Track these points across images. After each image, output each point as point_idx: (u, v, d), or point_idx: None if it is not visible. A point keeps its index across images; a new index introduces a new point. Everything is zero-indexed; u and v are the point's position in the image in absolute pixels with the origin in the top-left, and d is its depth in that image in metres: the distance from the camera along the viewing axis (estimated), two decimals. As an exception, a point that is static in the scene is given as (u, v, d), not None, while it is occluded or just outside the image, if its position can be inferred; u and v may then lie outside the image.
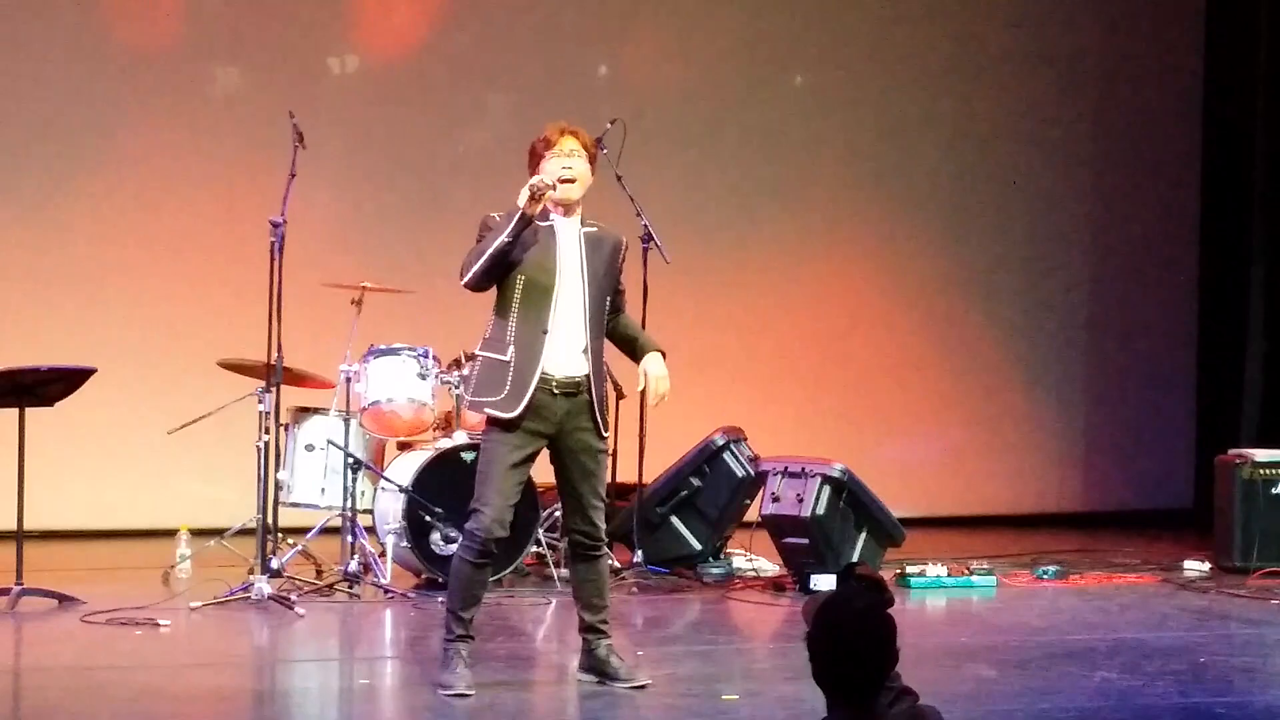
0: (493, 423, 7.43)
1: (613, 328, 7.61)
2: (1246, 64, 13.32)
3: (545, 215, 7.43)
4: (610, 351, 10.68)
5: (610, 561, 10.22)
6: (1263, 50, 13.15)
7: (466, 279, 7.38)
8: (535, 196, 7.30)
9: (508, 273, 7.36)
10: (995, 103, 13.58)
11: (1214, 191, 13.73)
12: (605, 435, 7.54)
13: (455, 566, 7.55)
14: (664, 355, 7.70)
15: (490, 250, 7.29)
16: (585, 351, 7.44)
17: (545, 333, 7.36)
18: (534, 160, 7.49)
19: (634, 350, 7.68)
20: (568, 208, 7.47)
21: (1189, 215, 13.85)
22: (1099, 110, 13.79)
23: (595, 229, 7.54)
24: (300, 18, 12.37)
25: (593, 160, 7.55)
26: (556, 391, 7.40)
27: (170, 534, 10.42)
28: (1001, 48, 13.60)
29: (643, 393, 7.71)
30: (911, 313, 13.46)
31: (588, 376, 7.44)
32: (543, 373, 7.36)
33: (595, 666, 7.60)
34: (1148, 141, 13.84)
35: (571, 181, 7.43)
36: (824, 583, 9.83)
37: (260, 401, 9.69)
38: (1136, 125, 13.82)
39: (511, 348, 7.37)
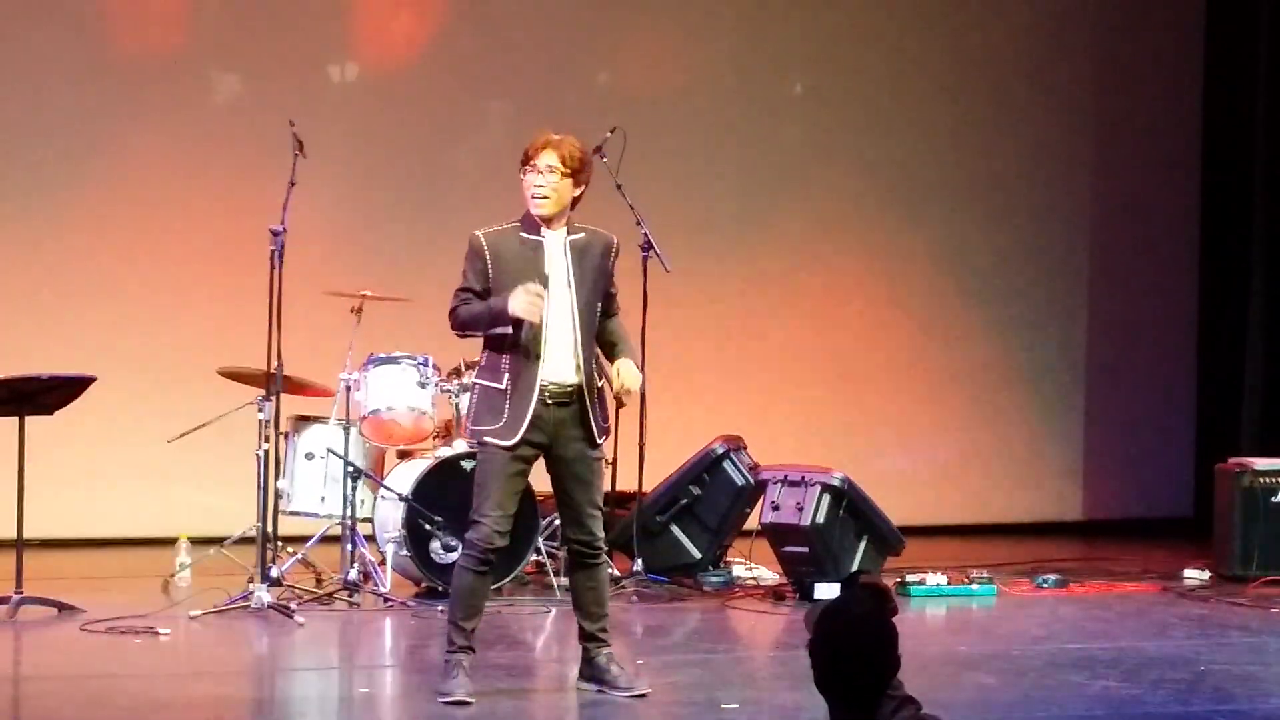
0: (483, 443, 7.46)
1: (599, 331, 7.58)
2: (1246, 64, 13.31)
3: (535, 229, 7.44)
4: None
5: (610, 570, 10.27)
6: (1263, 50, 13.14)
7: (456, 331, 7.52)
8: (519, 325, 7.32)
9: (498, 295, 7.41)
10: (994, 106, 13.57)
11: (1214, 198, 13.71)
12: (600, 442, 7.54)
13: (456, 577, 7.57)
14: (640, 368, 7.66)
15: (480, 328, 7.40)
16: (577, 360, 7.43)
17: (539, 358, 7.37)
18: (521, 171, 7.50)
19: (612, 355, 7.63)
20: (550, 221, 7.46)
21: (1189, 222, 13.84)
22: (1098, 112, 13.79)
23: (582, 235, 7.52)
24: (300, 26, 12.37)
25: (578, 170, 7.49)
26: (550, 401, 7.41)
27: (170, 542, 10.42)
28: (1000, 50, 13.58)
29: (616, 391, 7.58)
30: (911, 321, 13.45)
31: (580, 385, 7.44)
32: (539, 385, 7.38)
33: (595, 675, 7.59)
34: (1148, 145, 13.83)
35: (546, 198, 7.42)
36: (828, 591, 9.83)
37: (260, 410, 9.68)
38: (1136, 128, 13.81)
39: (507, 375, 7.39)
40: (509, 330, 7.36)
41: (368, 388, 10.09)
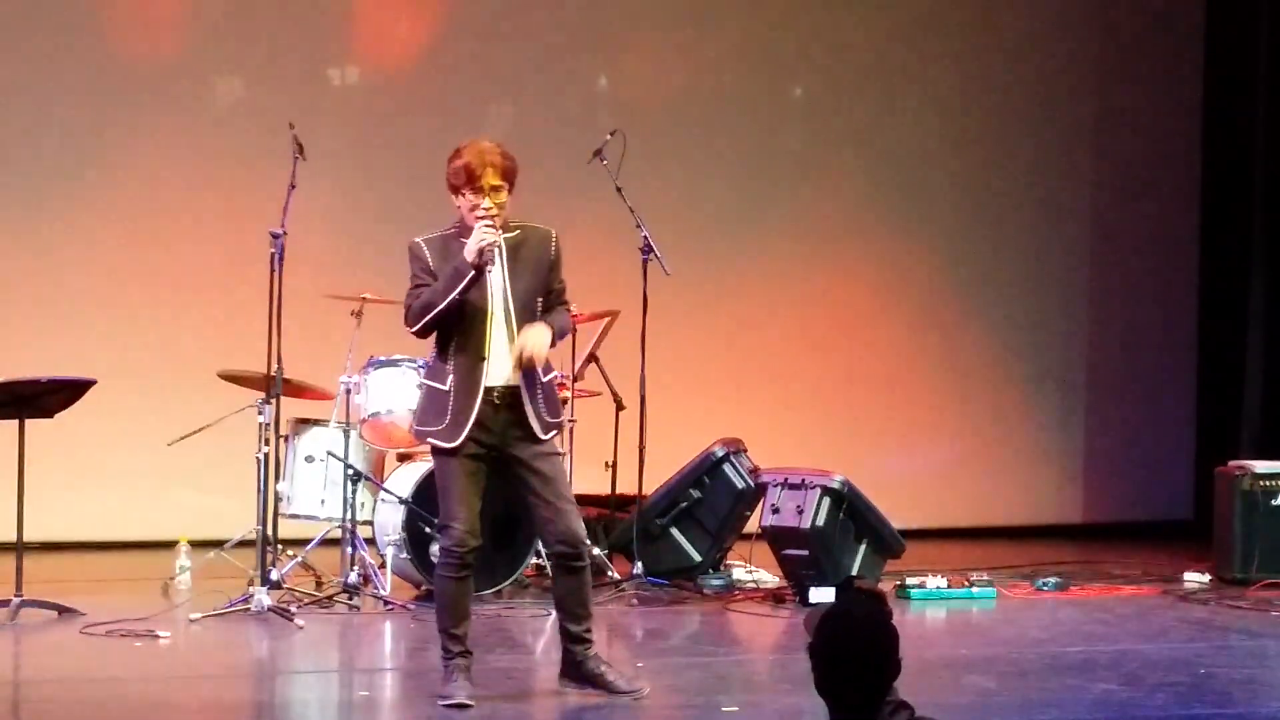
0: (429, 445, 7.45)
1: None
2: (1246, 64, 13.31)
3: (468, 235, 7.40)
4: (611, 366, 10.76)
5: (610, 573, 10.29)
6: (1263, 50, 13.14)
7: (415, 329, 7.43)
8: (482, 263, 7.30)
9: None
10: (993, 110, 13.56)
11: (1214, 201, 13.71)
12: (549, 436, 7.47)
13: (438, 586, 7.54)
14: (552, 333, 7.45)
15: (440, 308, 7.32)
16: (518, 360, 7.38)
17: (484, 359, 7.35)
18: (453, 187, 7.42)
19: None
20: None
21: (1189, 226, 13.84)
22: (1098, 118, 13.79)
23: (517, 232, 7.47)
24: (301, 29, 12.37)
25: (515, 178, 7.43)
26: (498, 402, 7.37)
27: (170, 545, 10.41)
28: (1000, 55, 13.58)
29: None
30: (911, 324, 13.45)
31: (521, 385, 7.40)
32: (484, 388, 7.35)
33: (588, 678, 7.53)
34: (1147, 150, 13.83)
35: (496, 218, 7.37)
36: (823, 595, 9.84)
37: (260, 413, 9.69)
38: (1136, 128, 13.80)
39: (451, 376, 7.36)
40: (473, 275, 7.26)
41: (368, 390, 10.08)
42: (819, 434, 12.89)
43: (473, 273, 7.32)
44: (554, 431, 7.50)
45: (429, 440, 7.42)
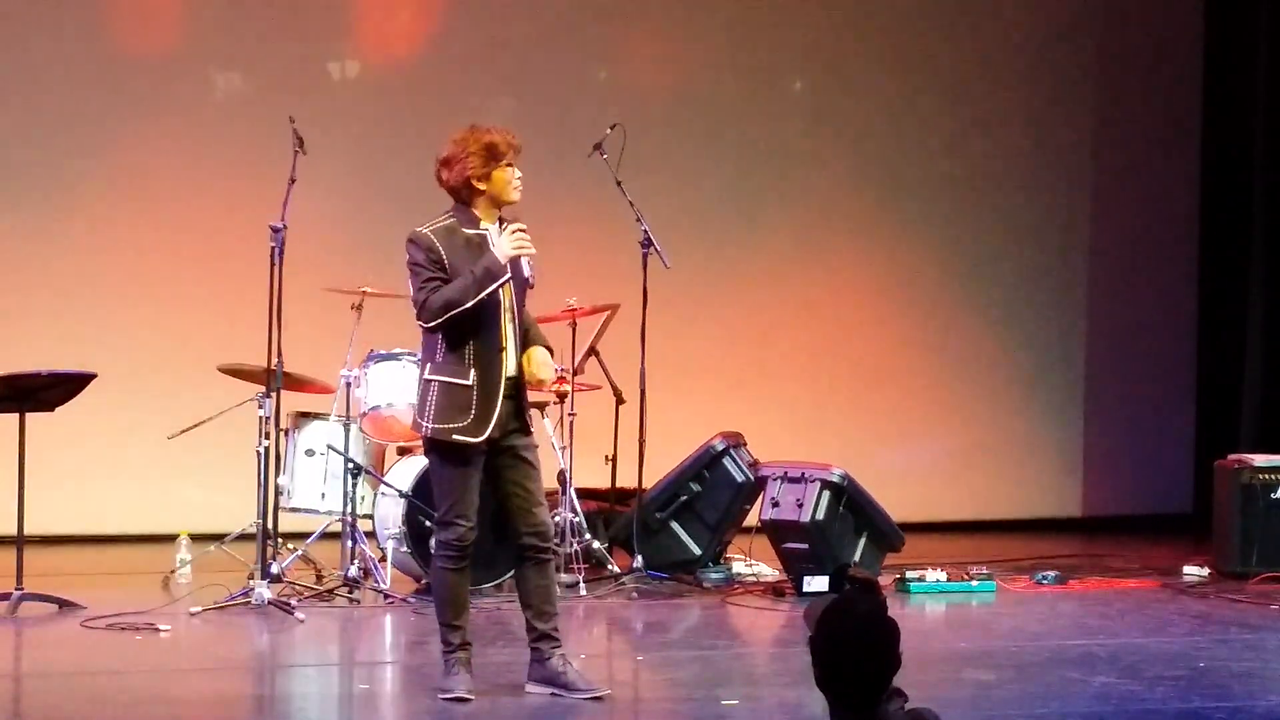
0: (450, 441, 7.35)
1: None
2: (1246, 66, 13.31)
3: (474, 223, 7.38)
4: (611, 359, 10.77)
5: (609, 566, 10.31)
6: (1262, 53, 13.14)
7: (432, 325, 7.31)
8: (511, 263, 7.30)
9: None
10: (994, 106, 13.57)
11: (1214, 196, 13.72)
12: (532, 431, 7.49)
13: (439, 579, 7.48)
14: (550, 352, 7.53)
15: (467, 306, 7.24)
16: (516, 351, 7.38)
17: (503, 350, 7.33)
18: (484, 173, 7.31)
19: (526, 341, 7.48)
20: (487, 213, 7.39)
21: (1189, 219, 13.85)
22: (1098, 115, 13.79)
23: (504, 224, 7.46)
24: (300, 23, 12.38)
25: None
26: (507, 395, 7.37)
27: (170, 539, 10.43)
28: (1000, 52, 13.59)
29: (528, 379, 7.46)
30: (911, 317, 13.46)
31: (518, 377, 7.41)
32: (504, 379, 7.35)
33: (549, 678, 7.47)
34: (1147, 144, 13.83)
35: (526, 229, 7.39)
36: (818, 584, 9.85)
37: (260, 406, 9.70)
38: (1136, 127, 13.81)
39: (473, 370, 7.31)
40: (500, 281, 7.25)
41: (368, 384, 10.09)
42: (818, 427, 12.90)
43: (506, 275, 7.28)
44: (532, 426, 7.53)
45: (454, 438, 7.29)
